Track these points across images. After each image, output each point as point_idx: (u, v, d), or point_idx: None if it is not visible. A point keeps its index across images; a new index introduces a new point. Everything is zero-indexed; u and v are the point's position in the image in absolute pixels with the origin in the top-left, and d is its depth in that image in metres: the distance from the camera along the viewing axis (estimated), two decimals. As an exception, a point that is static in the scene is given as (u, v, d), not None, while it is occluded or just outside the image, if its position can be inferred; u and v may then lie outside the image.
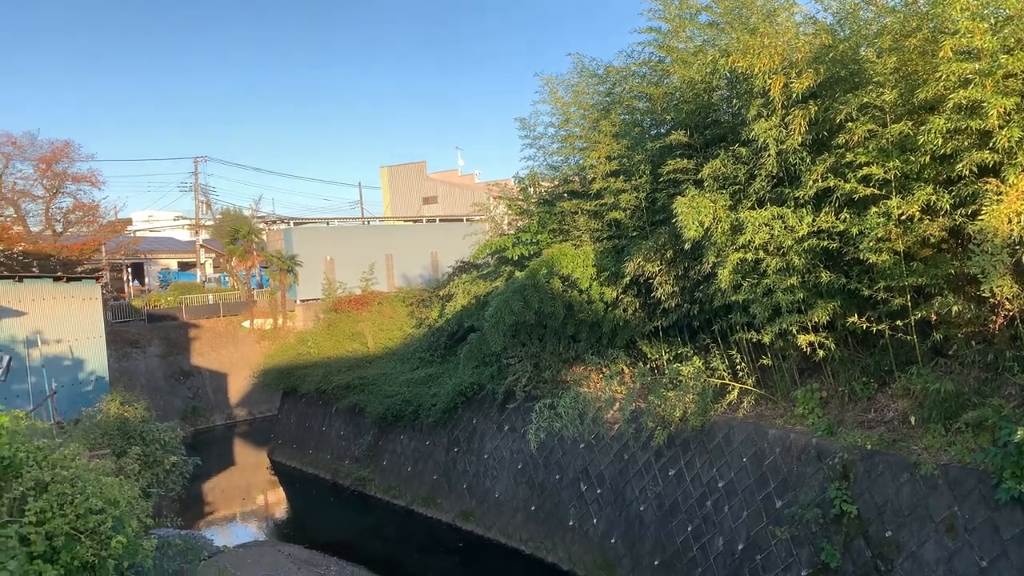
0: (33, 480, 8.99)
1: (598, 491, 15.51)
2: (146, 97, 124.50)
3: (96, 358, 17.95)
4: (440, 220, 44.27)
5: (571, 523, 15.90)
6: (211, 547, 15.21)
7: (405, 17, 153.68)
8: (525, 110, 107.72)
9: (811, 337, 11.77)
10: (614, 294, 16.04)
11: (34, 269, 29.65)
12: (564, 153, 19.66)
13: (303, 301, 36.01)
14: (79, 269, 31.98)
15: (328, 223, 44.18)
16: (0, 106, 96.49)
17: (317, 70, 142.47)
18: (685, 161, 13.88)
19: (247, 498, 26.05)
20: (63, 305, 17.22)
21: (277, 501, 25.35)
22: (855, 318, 11.22)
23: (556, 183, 20.47)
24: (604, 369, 15.79)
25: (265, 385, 31.38)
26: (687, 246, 12.62)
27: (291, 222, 40.65)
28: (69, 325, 17.27)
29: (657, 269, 14.47)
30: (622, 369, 15.65)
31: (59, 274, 18.62)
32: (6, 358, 13.22)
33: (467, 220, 38.22)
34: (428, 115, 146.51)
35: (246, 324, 37.11)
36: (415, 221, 45.47)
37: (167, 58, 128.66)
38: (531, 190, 21.15)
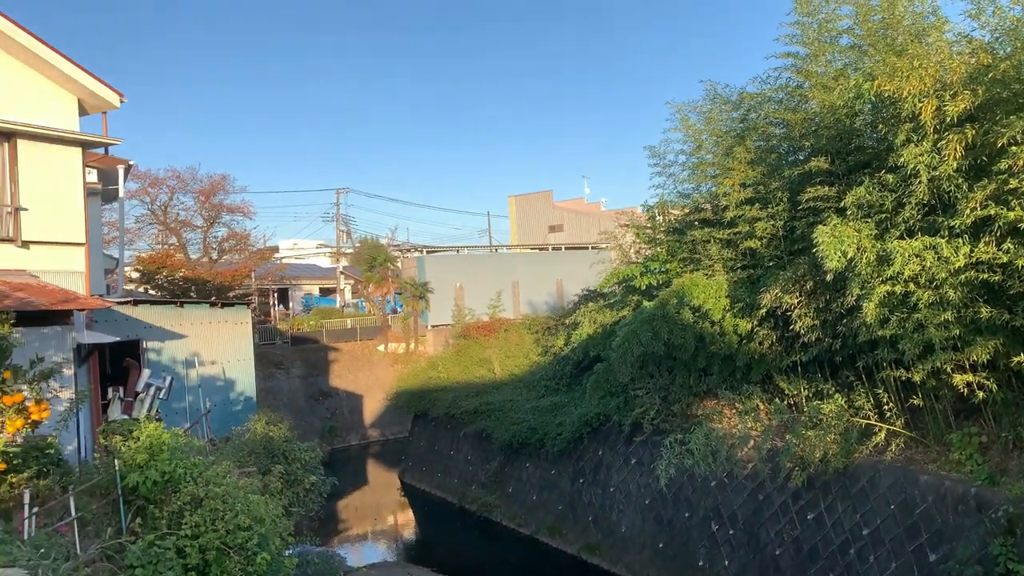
0: (190, 495, 9.64)
1: (730, 532, 14.92)
2: (295, 132, 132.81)
3: (245, 379, 19.16)
4: (566, 248, 44.38)
5: (701, 563, 15.35)
6: (345, 566, 15.74)
7: (529, 49, 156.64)
8: (652, 137, 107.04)
9: (969, 377, 10.90)
10: (749, 326, 15.49)
11: (192, 294, 32.07)
12: (695, 180, 19.32)
13: (434, 327, 36.94)
14: (231, 294, 34.29)
15: (458, 251, 45.23)
16: (168, 140, 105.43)
17: (451, 99, 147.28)
18: (826, 188, 13.30)
19: (378, 518, 26.83)
20: (218, 329, 18.53)
21: (406, 522, 25.95)
22: (1021, 357, 10.31)
23: (687, 211, 20.09)
24: (738, 404, 15.24)
25: (397, 407, 32.38)
26: (829, 277, 12.02)
27: (424, 250, 41.90)
28: (222, 347, 18.56)
29: (796, 301, 13.86)
30: (757, 405, 15.05)
31: (215, 300, 20.08)
32: (169, 378, 14.35)
33: (593, 248, 38.13)
34: (555, 143, 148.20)
35: (381, 348, 38.45)
36: (541, 249, 45.78)
37: (314, 96, 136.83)
38: (660, 218, 20.88)
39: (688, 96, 56.17)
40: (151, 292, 31.83)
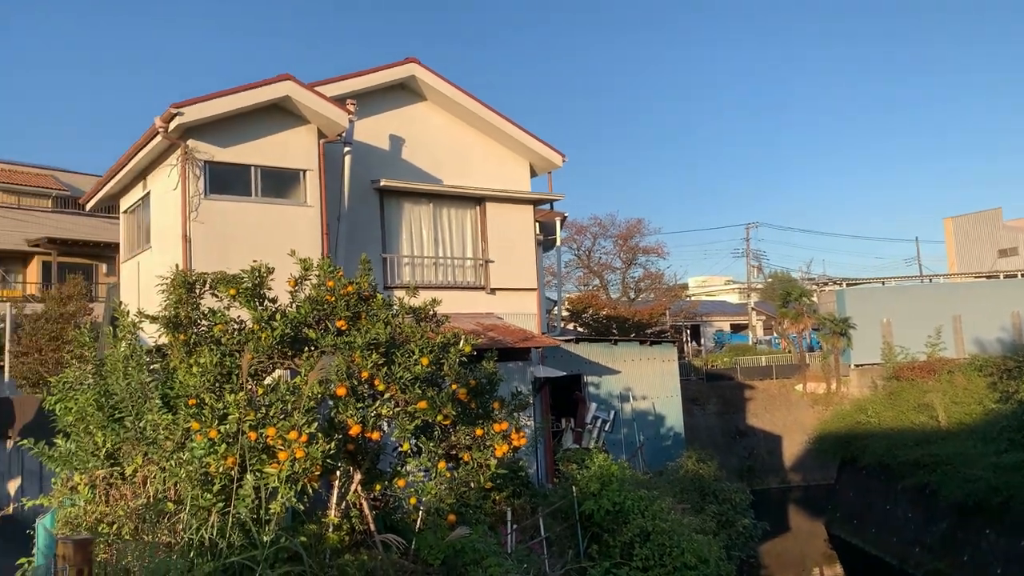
0: (639, 528, 10.22)
1: None
2: (703, 171, 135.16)
3: (674, 415, 19.83)
4: (1022, 275, 37.75)
5: None
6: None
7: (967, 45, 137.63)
8: None
9: None
10: None
11: (614, 331, 34.29)
12: None
13: (858, 366, 34.16)
14: (648, 331, 35.83)
15: (883, 283, 41.37)
16: (587, 196, 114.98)
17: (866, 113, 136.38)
18: None
19: (803, 570, 25.38)
20: (647, 365, 19.53)
21: (836, 579, 24.12)
22: None
23: None
24: None
25: (820, 452, 30.50)
26: None
27: (843, 283, 39.20)
28: (651, 383, 19.47)
29: None
30: None
31: (644, 338, 21.24)
32: (613, 412, 15.50)
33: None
34: (1003, 150, 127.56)
35: (799, 387, 36.69)
36: (989, 277, 39.60)
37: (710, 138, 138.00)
38: None
39: None
40: (579, 329, 34.79)
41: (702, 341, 51.76)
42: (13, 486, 15.93)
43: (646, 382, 19.34)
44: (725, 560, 10.87)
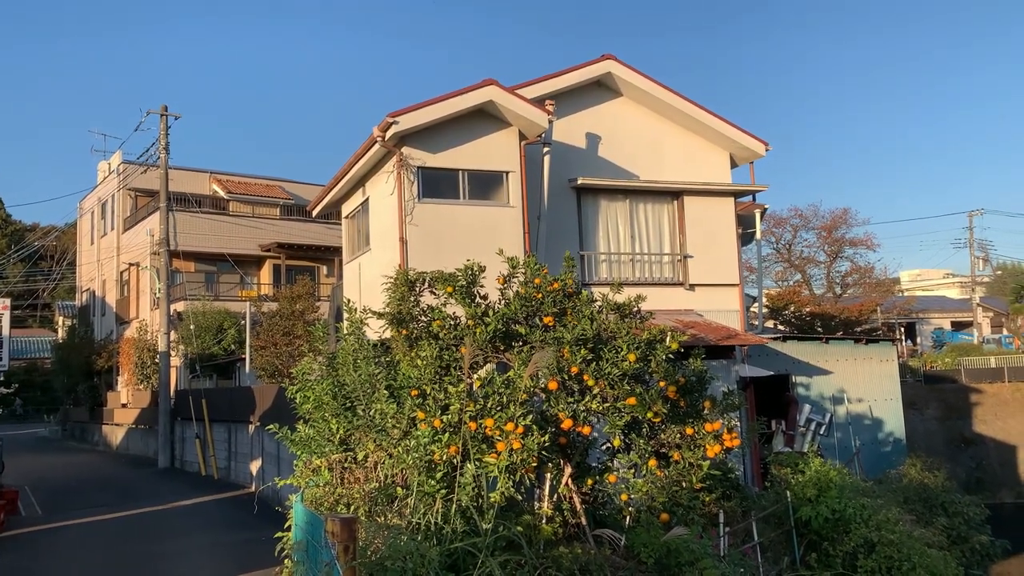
0: (862, 538, 9.57)
1: None
2: (920, 156, 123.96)
3: (893, 419, 18.32)
4: None
5: None
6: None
7: None
8: None
9: None
10: None
11: (819, 328, 32.26)
12: None
13: (1112, 369, 29.90)
14: (858, 329, 33.42)
15: None
16: (787, 186, 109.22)
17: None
18: None
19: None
20: (861, 366, 18.19)
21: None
22: None
23: None
24: None
25: (1067, 466, 27.01)
26: None
27: (1094, 275, 34.45)
28: (867, 385, 18.12)
29: None
30: None
31: (859, 337, 19.74)
32: (828, 414, 14.60)
33: None
34: None
35: (1038, 392, 32.71)
36: None
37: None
38: None
39: None
40: (779, 327, 33.11)
41: (918, 340, 47.48)
42: (255, 466, 17.78)
43: (861, 384, 18.01)
44: (963, 580, 9.90)
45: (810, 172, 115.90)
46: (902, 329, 45.26)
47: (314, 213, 18.81)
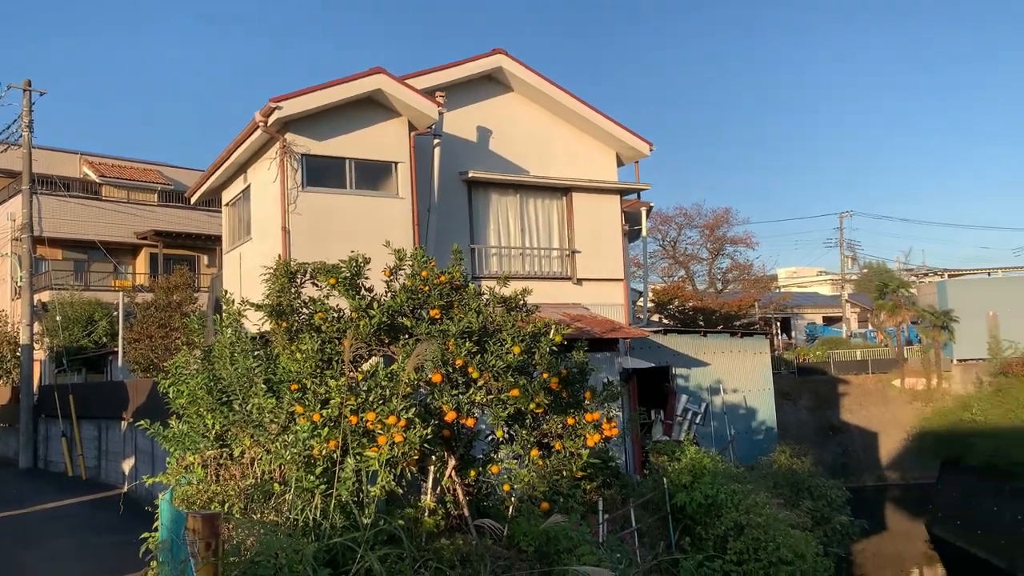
0: (732, 521, 10.04)
1: None
2: (796, 160, 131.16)
3: (765, 409, 19.36)
4: None
5: None
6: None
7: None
8: None
9: None
10: None
11: (700, 323, 33.65)
12: None
13: (960, 361, 32.65)
14: (736, 323, 35.02)
15: (989, 274, 39.34)
16: (672, 186, 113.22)
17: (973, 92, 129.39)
18: None
19: (902, 570, 24.44)
20: (738, 358, 19.12)
21: (937, 581, 23.13)
22: None
23: None
24: None
25: (920, 450, 29.40)
26: None
27: (944, 274, 37.49)
28: (742, 376, 19.06)
29: None
30: None
31: (735, 330, 20.74)
32: (705, 404, 15.26)
33: None
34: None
35: (896, 383, 35.27)
36: (1111, 267, 37.13)
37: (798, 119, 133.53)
38: None
39: None
40: (664, 321, 34.31)
41: (793, 334, 50.25)
42: (128, 465, 16.92)
43: (737, 375, 18.93)
44: (822, 556, 10.56)
45: (696, 172, 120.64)
46: (778, 324, 47.75)
47: (193, 200, 18.02)
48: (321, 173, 13.30)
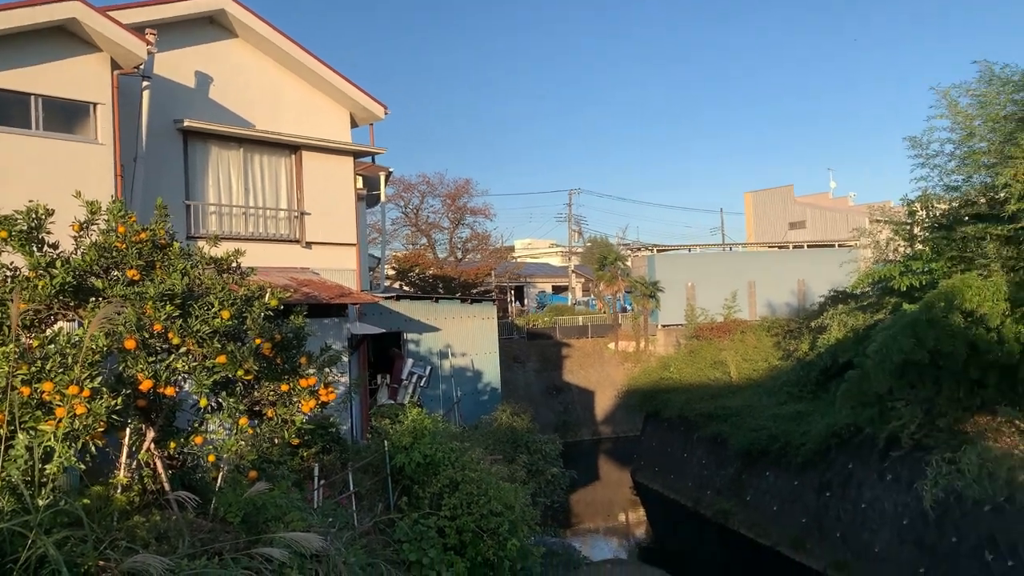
0: (448, 478, 10.40)
1: (1009, 563, 13.29)
2: (531, 133, 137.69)
3: (492, 371, 20.30)
4: (808, 246, 41.91)
5: (972, 596, 13.83)
6: (582, 559, 16.11)
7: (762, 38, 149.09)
8: (909, 126, 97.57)
9: None
10: (1035, 335, 13.71)
11: (440, 290, 34.46)
12: (966, 171, 17.54)
13: (664, 326, 36.58)
14: (474, 291, 36.34)
15: (689, 250, 44.44)
16: (419, 149, 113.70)
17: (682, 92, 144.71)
18: None
19: (610, 515, 27.10)
20: (467, 323, 19.80)
21: (637, 522, 25.97)
22: None
23: (955, 205, 18.21)
24: (1020, 422, 13.55)
25: (628, 406, 32.52)
26: None
27: (654, 249, 41.66)
28: (471, 340, 19.80)
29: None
30: (1045, 424, 13.28)
31: (464, 296, 21.42)
32: (429, 368, 15.60)
33: (840, 246, 35.66)
34: (796, 136, 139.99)
35: (611, 346, 38.74)
36: (780, 247, 43.63)
37: (549, 101, 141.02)
38: (923, 213, 19.09)
39: (947, 79, 50.54)
40: (405, 288, 34.64)
41: (526, 302, 53.26)
42: None
43: (466, 339, 19.63)
44: (531, 506, 11.33)
45: (441, 140, 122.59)
46: (513, 291, 50.29)
47: None
48: (1, 109, 11.50)
